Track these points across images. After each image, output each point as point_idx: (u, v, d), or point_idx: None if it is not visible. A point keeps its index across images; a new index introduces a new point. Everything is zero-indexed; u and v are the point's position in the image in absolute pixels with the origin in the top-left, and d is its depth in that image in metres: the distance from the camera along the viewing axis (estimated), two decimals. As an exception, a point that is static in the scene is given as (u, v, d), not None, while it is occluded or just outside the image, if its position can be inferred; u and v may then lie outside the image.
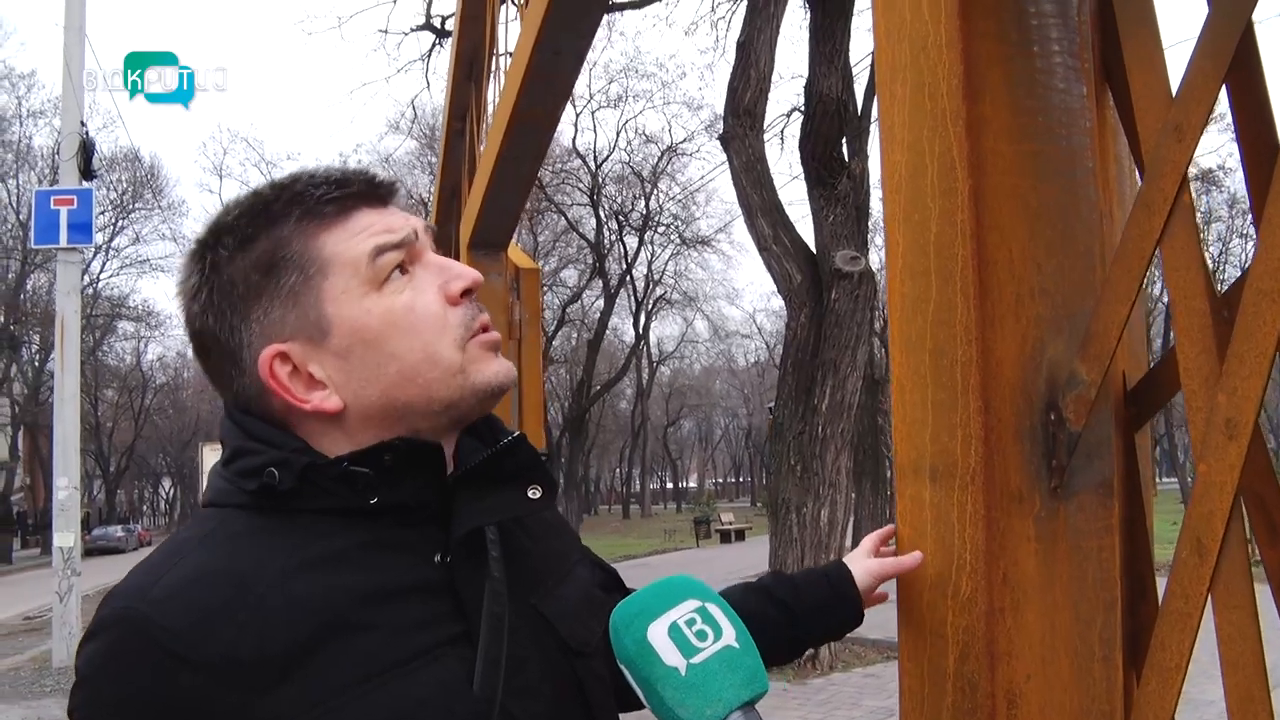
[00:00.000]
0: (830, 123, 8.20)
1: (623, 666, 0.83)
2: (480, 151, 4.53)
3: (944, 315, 1.13)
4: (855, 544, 1.50)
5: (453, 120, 5.16)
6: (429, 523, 0.86)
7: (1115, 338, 1.04)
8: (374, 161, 27.44)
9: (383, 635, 0.79)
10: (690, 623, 0.83)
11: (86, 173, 9.97)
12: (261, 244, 0.85)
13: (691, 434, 67.51)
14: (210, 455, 14.81)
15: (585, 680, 0.91)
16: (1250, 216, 1.10)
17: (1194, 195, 0.99)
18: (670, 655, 0.81)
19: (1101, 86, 1.22)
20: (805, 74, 8.47)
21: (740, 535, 26.98)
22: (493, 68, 4.48)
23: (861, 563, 1.26)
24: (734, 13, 14.25)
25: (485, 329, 0.91)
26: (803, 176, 8.69)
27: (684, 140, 28.54)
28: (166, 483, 55.90)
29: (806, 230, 8.85)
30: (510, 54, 4.32)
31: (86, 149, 9.82)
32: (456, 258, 5.11)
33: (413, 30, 16.43)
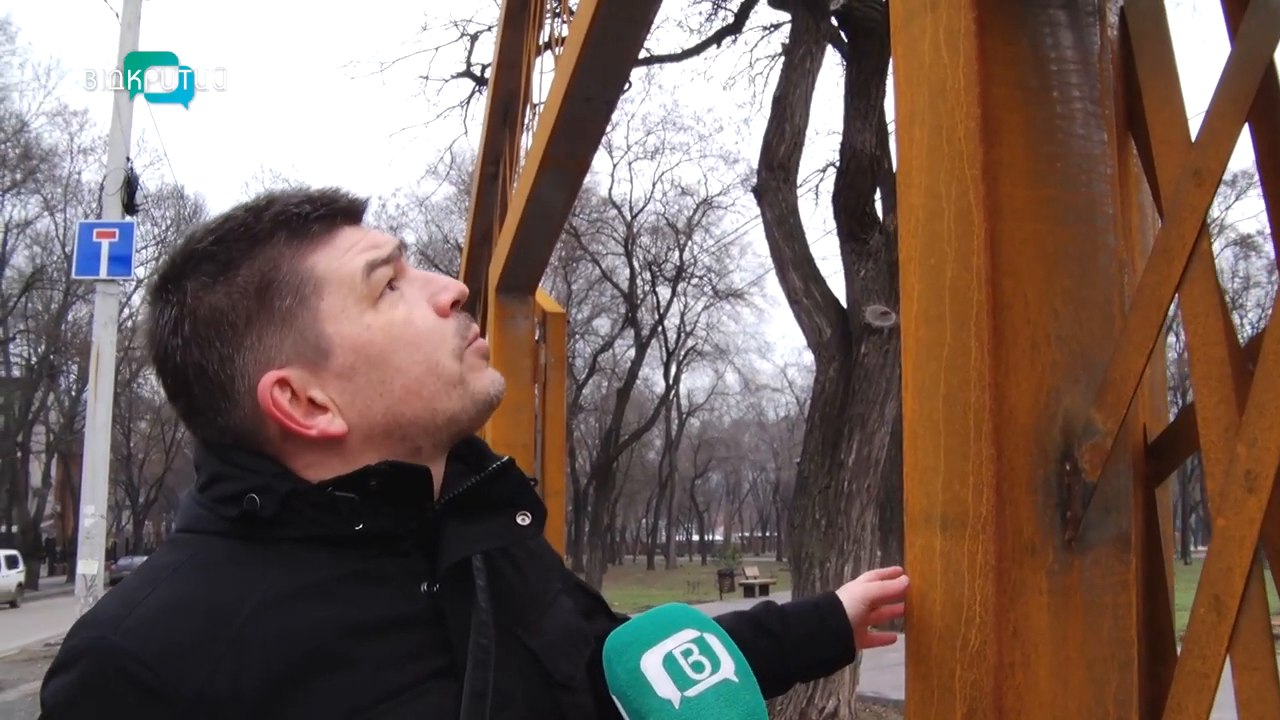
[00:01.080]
0: (863, 178, 8.21)
1: (614, 697, 0.81)
2: (512, 196, 4.57)
3: (958, 360, 1.11)
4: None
5: (486, 165, 5.22)
6: (414, 551, 0.83)
7: (1132, 386, 1.01)
8: (411, 204, 27.82)
9: (368, 670, 0.76)
10: (687, 653, 0.81)
11: (129, 207, 10.18)
12: (246, 268, 0.83)
13: (719, 486, 67.04)
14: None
15: (569, 715, 0.88)
16: None
17: (1233, 260, 0.97)
18: (664, 687, 0.78)
19: (1124, 134, 1.21)
20: (840, 130, 8.52)
21: (765, 590, 26.70)
22: (527, 115, 4.53)
23: (850, 590, 1.23)
24: (771, 68, 14.39)
25: (476, 337, 0.89)
26: (835, 231, 8.69)
27: (719, 193, 28.71)
28: (194, 517, 56.08)
29: (837, 285, 8.84)
30: (544, 102, 4.37)
31: (130, 184, 10.03)
32: (485, 300, 5.14)
33: (453, 78, 16.68)
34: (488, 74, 14.92)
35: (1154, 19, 1.03)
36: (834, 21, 8.63)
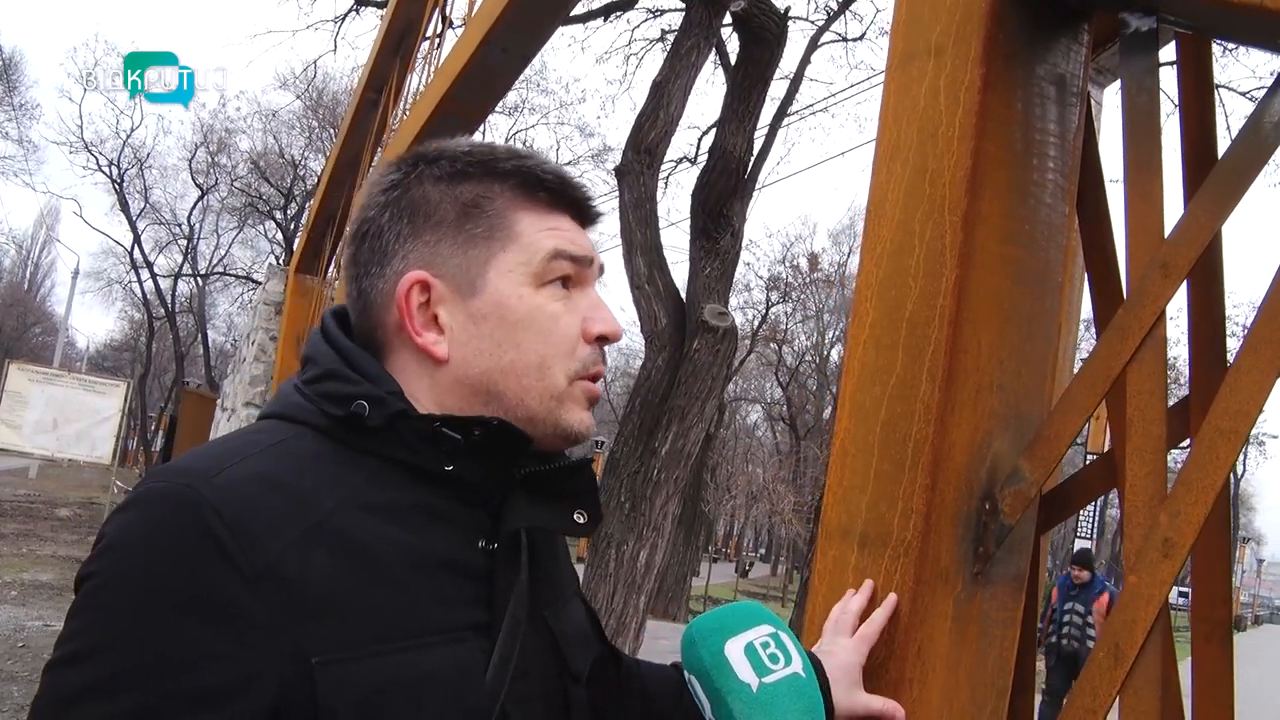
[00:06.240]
0: (727, 179, 8.35)
1: (692, 677, 0.89)
2: (393, 129, 4.43)
3: (904, 391, 1.17)
4: (660, 588, 1.42)
5: (368, 90, 5.04)
6: (480, 506, 0.85)
7: (1066, 443, 1.10)
8: (256, 112, 26.35)
9: (420, 600, 0.78)
10: (765, 645, 0.90)
11: (-60, 49, 9.24)
12: (469, 185, 0.88)
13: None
14: (17, 375, 13.60)
15: (573, 705, 0.92)
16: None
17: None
18: (744, 671, 0.88)
19: (1073, 211, 1.31)
20: (701, 125, 8.64)
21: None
22: (424, 50, 4.40)
23: (849, 696, 1.08)
24: (648, 52, 14.41)
25: (596, 379, 0.91)
26: (687, 225, 8.82)
27: (569, 162, 28.56)
28: (-57, 394, 51.54)
29: (678, 276, 8.99)
30: (438, 36, 4.24)
31: (-53, 24, 9.11)
32: (343, 224, 4.96)
33: (328, -11, 15.87)
34: (368, -6, 14.26)
35: (1149, 119, 1.12)
36: (728, 21, 8.74)
